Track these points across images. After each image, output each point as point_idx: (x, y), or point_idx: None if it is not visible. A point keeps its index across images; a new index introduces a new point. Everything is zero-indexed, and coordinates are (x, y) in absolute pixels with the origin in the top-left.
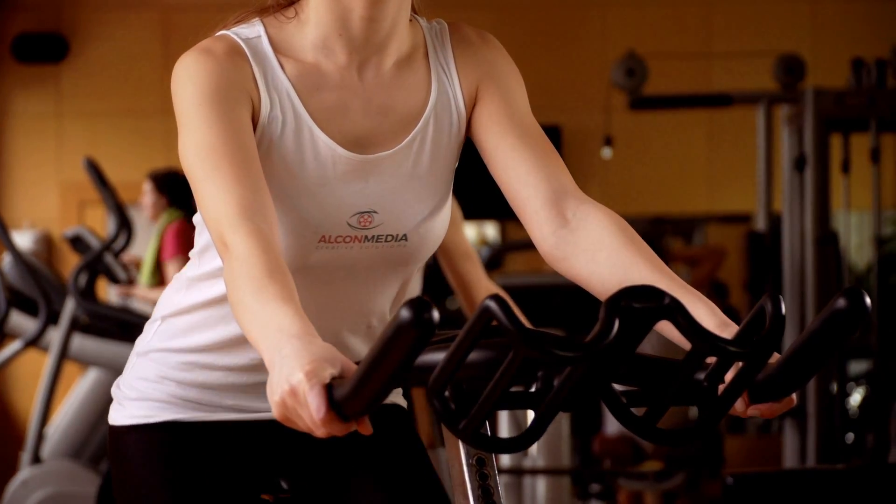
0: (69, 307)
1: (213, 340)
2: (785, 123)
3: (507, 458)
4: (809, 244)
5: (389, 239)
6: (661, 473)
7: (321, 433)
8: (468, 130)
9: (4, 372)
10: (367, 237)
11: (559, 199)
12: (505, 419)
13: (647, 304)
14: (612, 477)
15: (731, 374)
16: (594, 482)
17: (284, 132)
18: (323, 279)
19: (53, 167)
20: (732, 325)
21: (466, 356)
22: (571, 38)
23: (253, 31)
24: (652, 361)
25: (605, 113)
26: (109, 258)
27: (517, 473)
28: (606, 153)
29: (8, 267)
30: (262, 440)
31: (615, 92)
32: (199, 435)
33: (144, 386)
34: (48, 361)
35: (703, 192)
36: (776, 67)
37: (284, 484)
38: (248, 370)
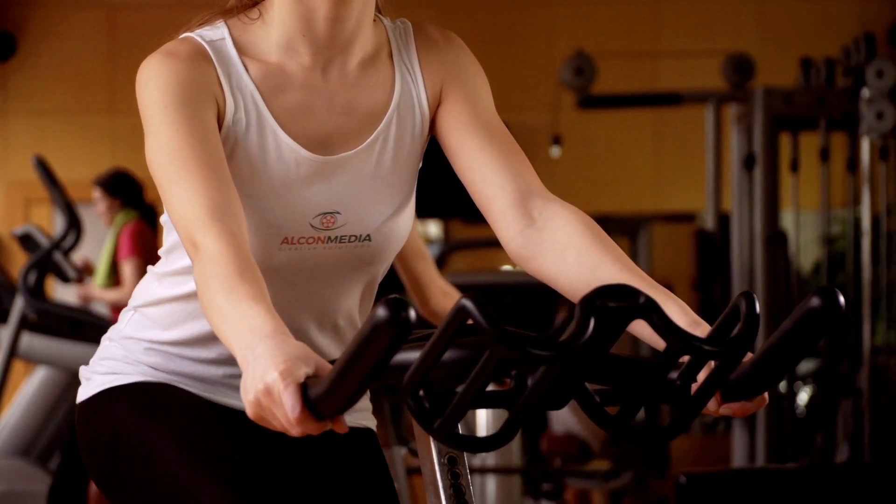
0: (18, 305)
1: (181, 336)
2: (734, 122)
3: None
4: (758, 243)
5: (353, 239)
6: (608, 472)
7: (296, 432)
8: (433, 130)
9: None
10: (330, 238)
11: (525, 198)
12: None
13: (622, 303)
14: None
15: (703, 373)
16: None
17: (248, 134)
18: (287, 280)
19: None
20: (704, 323)
21: (442, 355)
22: (518, 36)
23: (217, 32)
24: (626, 361)
25: (552, 112)
26: (59, 256)
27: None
28: (555, 152)
29: None
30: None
31: (563, 91)
32: (174, 390)
33: (113, 364)
34: None
35: (648, 191)
36: (725, 67)
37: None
38: (216, 363)
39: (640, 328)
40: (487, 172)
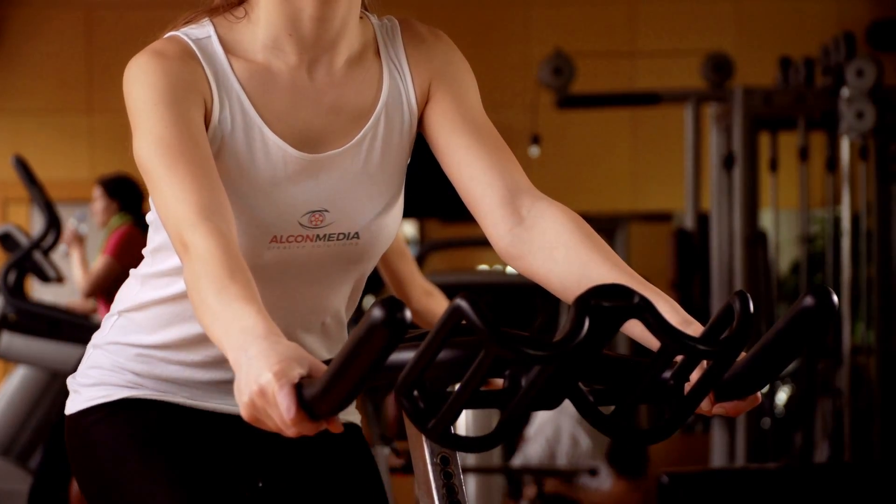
0: None
1: (168, 339)
2: (713, 122)
3: None
4: (738, 243)
5: (341, 237)
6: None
7: (291, 433)
8: (420, 127)
9: None
10: (318, 236)
11: (514, 196)
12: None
13: (616, 302)
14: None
15: (696, 372)
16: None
17: (235, 133)
18: (275, 278)
19: None
20: (695, 322)
21: (436, 355)
22: (496, 36)
23: (203, 31)
24: (620, 361)
25: (531, 111)
26: (38, 256)
27: None
28: (534, 151)
29: None
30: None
31: (542, 90)
32: (158, 408)
33: (100, 373)
34: None
35: (627, 190)
36: (704, 66)
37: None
38: (203, 366)
39: (632, 327)
40: (475, 171)
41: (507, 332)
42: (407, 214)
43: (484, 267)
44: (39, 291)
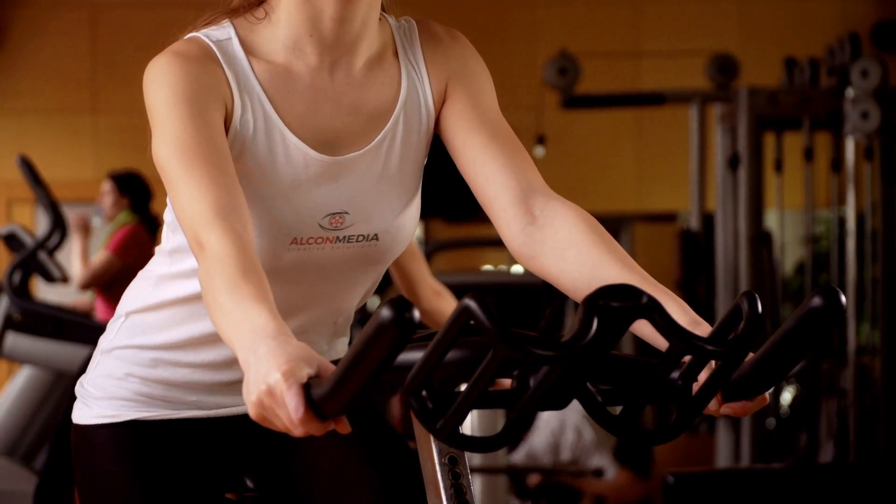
0: (3, 305)
1: (179, 338)
2: (718, 122)
3: None
4: (743, 243)
5: (361, 239)
6: (594, 472)
7: (299, 433)
8: (437, 127)
9: None
10: (338, 238)
11: (527, 196)
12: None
13: (625, 303)
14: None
15: (704, 373)
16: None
17: (256, 135)
18: (294, 280)
19: None
20: (704, 323)
21: (445, 355)
22: (501, 36)
23: (223, 32)
24: (628, 361)
25: (536, 112)
26: (43, 256)
27: None
28: (539, 152)
29: None
30: (225, 437)
31: (547, 91)
32: (164, 433)
33: (109, 384)
34: None
35: (631, 190)
36: (709, 66)
37: (250, 482)
38: (214, 367)
39: (640, 327)
40: (490, 170)
41: (515, 332)
42: None
43: (489, 267)
44: (44, 291)
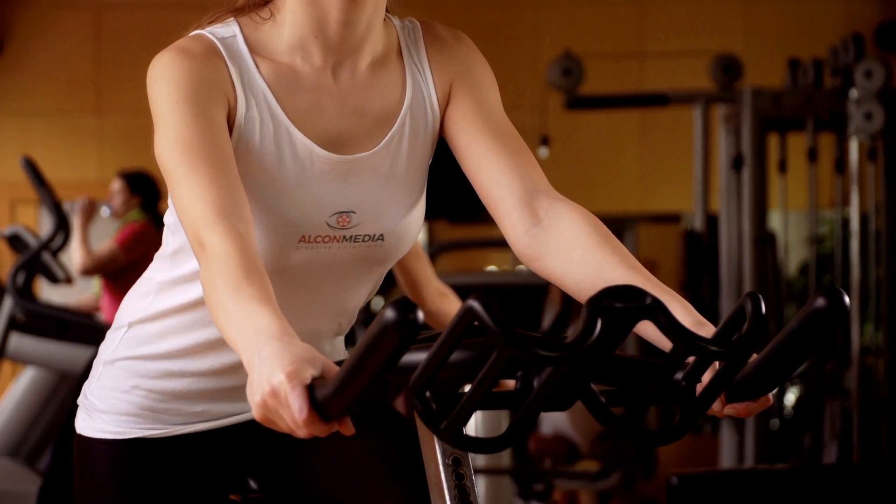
0: (7, 306)
1: (183, 346)
2: (722, 123)
3: None
4: (747, 244)
5: (367, 239)
6: (597, 473)
7: (303, 434)
8: (441, 129)
9: None
10: (345, 237)
11: (532, 197)
12: None
13: (629, 304)
14: (549, 476)
15: (708, 374)
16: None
17: (262, 133)
18: (300, 280)
19: None
20: (708, 324)
21: (449, 356)
22: (505, 37)
23: (228, 30)
24: (632, 362)
25: (540, 112)
26: (47, 257)
27: None
28: (543, 152)
29: None
30: (230, 445)
31: (551, 91)
32: (167, 450)
33: (113, 396)
34: None
35: (635, 191)
36: (713, 67)
37: (254, 483)
38: (218, 374)
39: (644, 328)
40: (494, 172)
41: (519, 333)
42: None
43: (492, 268)
44: (48, 292)
